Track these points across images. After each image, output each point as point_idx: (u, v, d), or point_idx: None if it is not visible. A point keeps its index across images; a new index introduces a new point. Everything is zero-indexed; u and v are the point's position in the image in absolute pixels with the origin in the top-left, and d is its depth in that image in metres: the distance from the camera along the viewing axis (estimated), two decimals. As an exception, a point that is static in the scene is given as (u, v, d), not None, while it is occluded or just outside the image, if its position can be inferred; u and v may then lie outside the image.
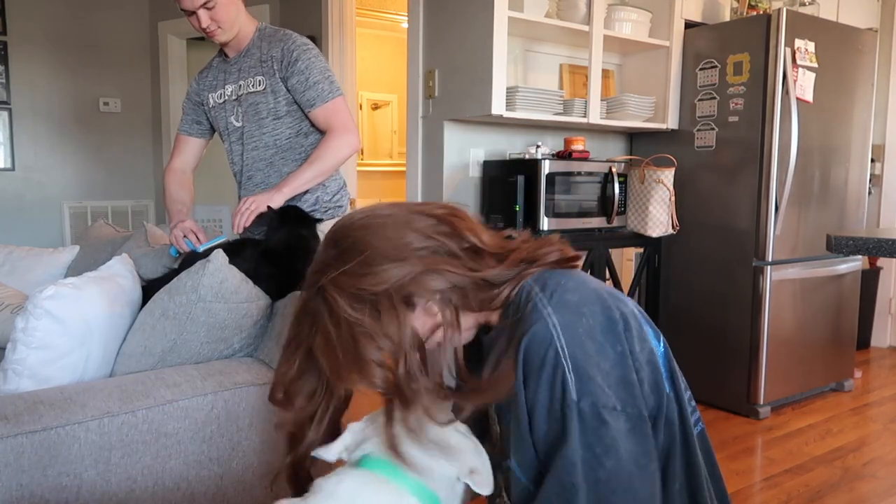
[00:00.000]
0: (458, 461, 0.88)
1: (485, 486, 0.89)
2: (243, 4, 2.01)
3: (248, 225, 1.87)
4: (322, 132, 2.01)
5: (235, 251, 1.76)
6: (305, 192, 2.01)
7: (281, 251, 1.82)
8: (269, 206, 1.85)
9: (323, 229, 1.98)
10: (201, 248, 1.93)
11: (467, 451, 0.90)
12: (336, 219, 2.05)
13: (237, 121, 2.06)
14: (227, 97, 2.07)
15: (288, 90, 1.98)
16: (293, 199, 1.97)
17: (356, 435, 0.93)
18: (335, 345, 0.87)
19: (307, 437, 0.97)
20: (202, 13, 1.90)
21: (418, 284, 0.88)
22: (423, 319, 0.90)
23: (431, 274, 0.88)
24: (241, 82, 2.03)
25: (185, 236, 1.97)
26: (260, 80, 1.99)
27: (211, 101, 2.12)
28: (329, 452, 0.94)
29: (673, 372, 0.91)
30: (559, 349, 0.83)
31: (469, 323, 0.94)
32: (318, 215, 2.05)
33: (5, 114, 4.14)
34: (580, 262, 0.98)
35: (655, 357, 0.88)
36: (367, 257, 0.87)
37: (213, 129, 2.20)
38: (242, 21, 2.00)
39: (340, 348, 0.87)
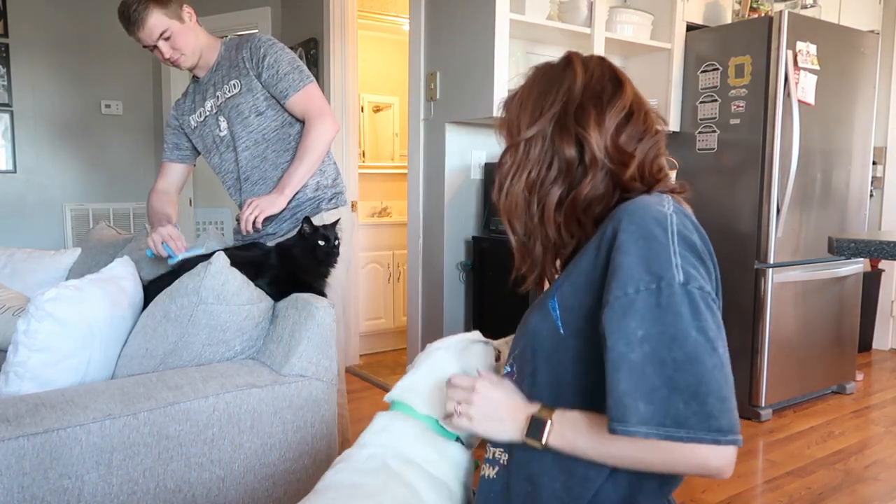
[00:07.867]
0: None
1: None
2: (200, 27, 2.06)
3: (260, 227, 1.92)
4: (301, 121, 2.05)
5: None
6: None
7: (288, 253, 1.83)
8: (304, 223, 1.84)
9: (327, 219, 1.99)
10: (178, 258, 1.87)
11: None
12: (340, 208, 2.10)
13: (222, 130, 2.09)
14: (207, 113, 2.12)
15: (263, 86, 2.03)
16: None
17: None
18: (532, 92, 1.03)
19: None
20: (162, 44, 1.97)
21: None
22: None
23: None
24: (218, 93, 2.08)
25: (163, 242, 1.92)
26: (235, 84, 2.04)
27: (192, 122, 2.16)
28: None
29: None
30: (670, 227, 0.86)
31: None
32: (323, 204, 2.09)
33: (7, 116, 4.15)
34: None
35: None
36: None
37: (195, 153, 2.23)
38: (203, 43, 2.05)
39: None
